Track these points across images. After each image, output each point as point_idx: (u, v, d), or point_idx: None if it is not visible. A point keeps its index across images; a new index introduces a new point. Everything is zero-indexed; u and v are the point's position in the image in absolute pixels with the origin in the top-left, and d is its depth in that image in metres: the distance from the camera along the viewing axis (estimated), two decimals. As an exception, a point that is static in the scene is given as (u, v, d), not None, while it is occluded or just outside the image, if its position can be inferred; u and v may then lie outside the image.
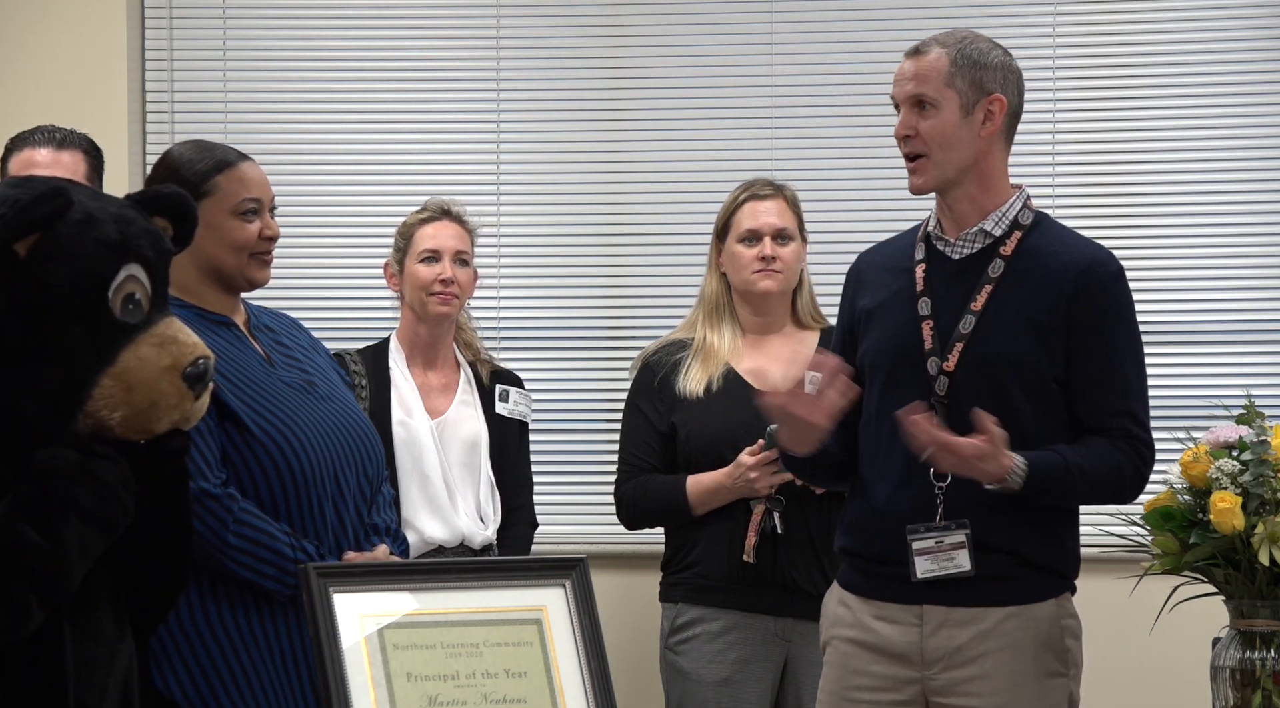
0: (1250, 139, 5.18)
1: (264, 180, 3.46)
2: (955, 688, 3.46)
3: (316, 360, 3.54)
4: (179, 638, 3.26)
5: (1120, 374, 3.50)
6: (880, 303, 3.58)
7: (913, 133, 3.50)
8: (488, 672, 2.93)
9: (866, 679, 3.52)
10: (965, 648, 3.46)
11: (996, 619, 3.46)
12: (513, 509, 4.62)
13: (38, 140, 4.13)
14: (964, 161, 3.51)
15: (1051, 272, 3.48)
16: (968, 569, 3.43)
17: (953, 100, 3.49)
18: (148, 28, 5.43)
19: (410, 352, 4.62)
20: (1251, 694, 3.45)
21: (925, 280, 3.54)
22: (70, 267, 2.64)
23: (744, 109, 5.31)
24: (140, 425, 2.71)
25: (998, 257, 3.51)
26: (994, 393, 3.45)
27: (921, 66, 3.51)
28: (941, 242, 3.56)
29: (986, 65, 3.51)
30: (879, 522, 3.51)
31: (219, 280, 3.41)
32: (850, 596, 3.58)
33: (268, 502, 3.30)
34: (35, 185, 2.70)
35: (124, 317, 2.68)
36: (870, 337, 3.58)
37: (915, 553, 3.44)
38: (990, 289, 3.49)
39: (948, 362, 3.47)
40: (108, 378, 2.67)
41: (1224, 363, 5.17)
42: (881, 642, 3.50)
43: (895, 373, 3.52)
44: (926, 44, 3.54)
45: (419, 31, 5.41)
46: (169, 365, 2.70)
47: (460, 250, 4.59)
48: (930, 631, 3.47)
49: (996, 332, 3.46)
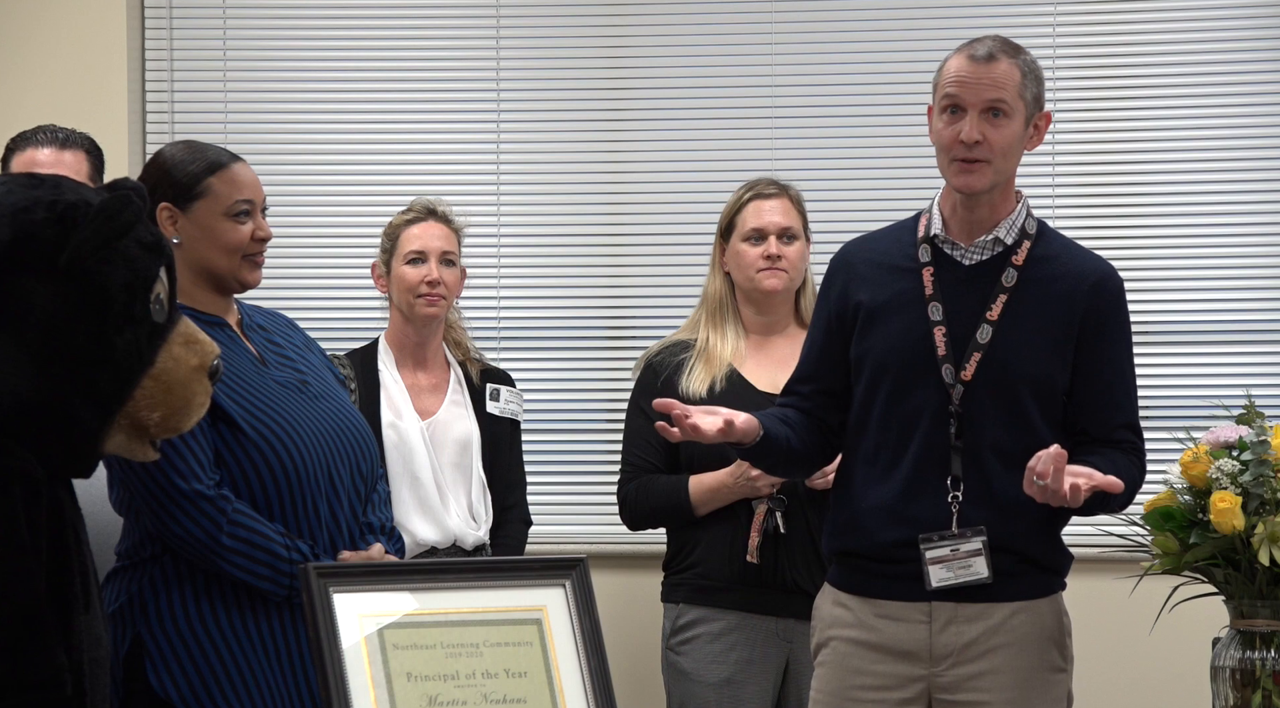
0: (1250, 139, 5.18)
1: (256, 182, 3.45)
2: (964, 684, 3.47)
3: (310, 359, 3.53)
4: (175, 639, 3.26)
5: (1124, 386, 3.56)
6: (883, 302, 3.57)
7: (982, 139, 3.47)
8: (488, 672, 2.93)
9: (870, 679, 3.52)
10: (975, 643, 3.48)
11: (1005, 615, 3.49)
12: (506, 508, 4.62)
13: (40, 140, 4.13)
14: (1012, 172, 3.54)
15: (1064, 284, 3.51)
16: (985, 576, 3.46)
17: (1021, 112, 3.50)
18: (148, 28, 5.43)
19: (399, 353, 4.62)
20: (1251, 694, 3.45)
21: (935, 285, 3.54)
22: (125, 271, 2.67)
23: (744, 109, 5.31)
24: (174, 425, 2.75)
25: (1010, 266, 3.52)
26: (1009, 405, 3.48)
27: (997, 75, 3.48)
28: (949, 245, 3.56)
29: (1042, 81, 3.55)
30: (882, 522, 3.51)
31: (211, 281, 3.41)
32: (848, 596, 3.58)
33: (262, 502, 3.30)
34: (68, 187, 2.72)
35: (155, 317, 2.71)
36: (873, 336, 3.57)
37: (929, 562, 3.46)
38: (1005, 299, 3.50)
39: (965, 371, 3.48)
40: (149, 379, 2.71)
41: (1224, 363, 5.17)
42: (887, 640, 3.51)
43: (905, 378, 3.52)
44: (992, 50, 3.49)
45: (419, 31, 5.41)
46: (197, 365, 2.74)
47: (446, 251, 4.58)
48: (940, 627, 3.48)
49: (1014, 344, 3.49)
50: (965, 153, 3.48)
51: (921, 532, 3.46)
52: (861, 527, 3.56)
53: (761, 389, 4.41)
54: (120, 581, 3.31)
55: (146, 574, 3.30)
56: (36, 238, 2.63)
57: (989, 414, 3.46)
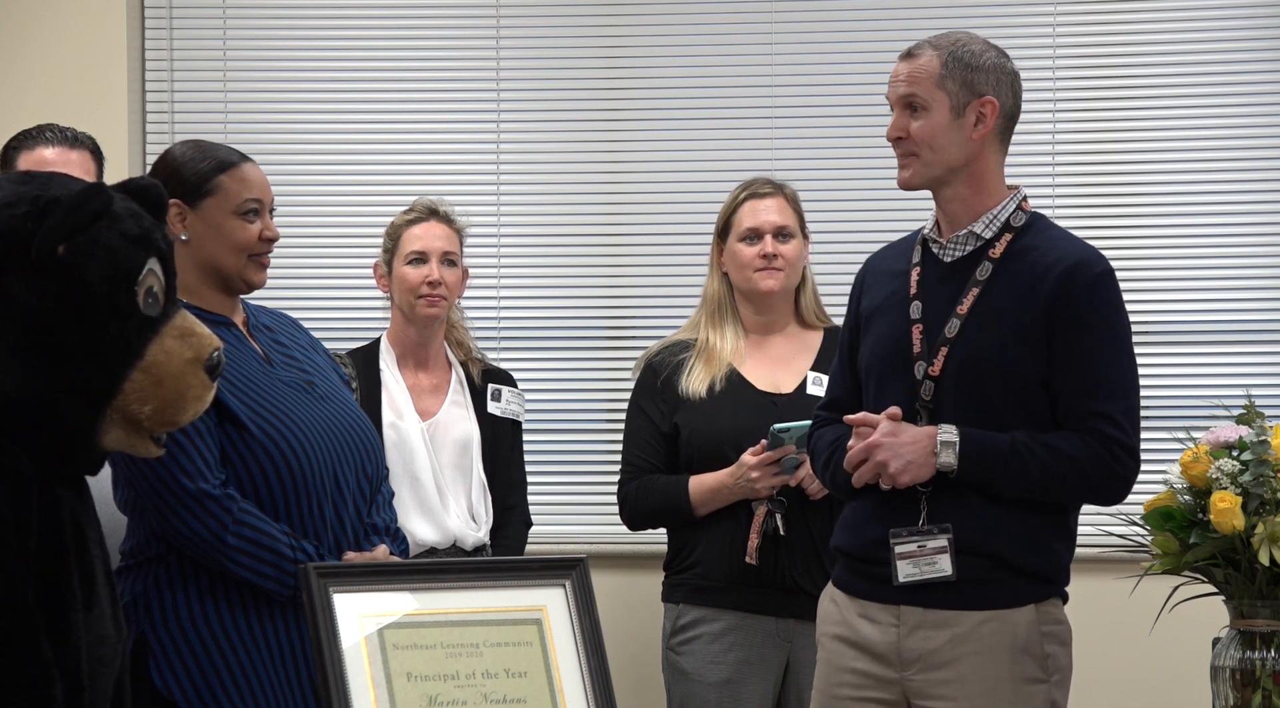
0: (1250, 139, 5.18)
1: (265, 182, 3.46)
2: (930, 690, 3.45)
3: (316, 360, 3.54)
4: (179, 639, 3.26)
5: (1099, 374, 3.45)
6: (877, 306, 3.59)
7: (904, 134, 3.51)
8: (488, 672, 2.93)
9: (851, 677, 3.52)
10: (941, 650, 3.45)
11: (973, 624, 3.45)
12: (507, 509, 4.62)
13: (49, 138, 4.12)
14: (954, 162, 3.50)
15: (1035, 273, 3.47)
16: (949, 574, 3.43)
17: (943, 102, 3.49)
18: (148, 28, 5.43)
19: (401, 353, 4.62)
20: (1251, 694, 3.45)
21: (919, 284, 3.54)
22: (105, 263, 2.67)
23: (744, 109, 5.31)
24: (168, 418, 2.74)
25: (986, 259, 3.51)
26: (977, 397, 3.45)
27: (913, 68, 3.52)
28: (936, 244, 3.56)
29: (978, 67, 3.50)
30: (864, 522, 3.52)
31: (218, 281, 3.42)
32: (839, 594, 3.58)
33: (267, 502, 3.30)
34: (57, 183, 2.71)
35: (146, 310, 2.70)
36: (868, 340, 3.59)
37: (897, 557, 3.44)
38: (977, 292, 3.49)
39: (933, 366, 3.48)
40: (138, 372, 2.70)
41: (1224, 363, 5.17)
42: (863, 640, 3.51)
43: (885, 377, 3.53)
44: (920, 46, 3.55)
45: (419, 31, 5.41)
46: (192, 358, 2.74)
47: (448, 251, 4.58)
48: (907, 632, 3.47)
49: (979, 335, 3.46)
50: (896, 149, 3.54)
51: (893, 528, 3.46)
52: (848, 525, 3.57)
53: (761, 389, 4.41)
54: (124, 580, 3.31)
55: (151, 573, 3.30)
56: (17, 232, 2.63)
57: (957, 408, 3.43)
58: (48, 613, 2.64)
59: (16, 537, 2.62)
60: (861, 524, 3.53)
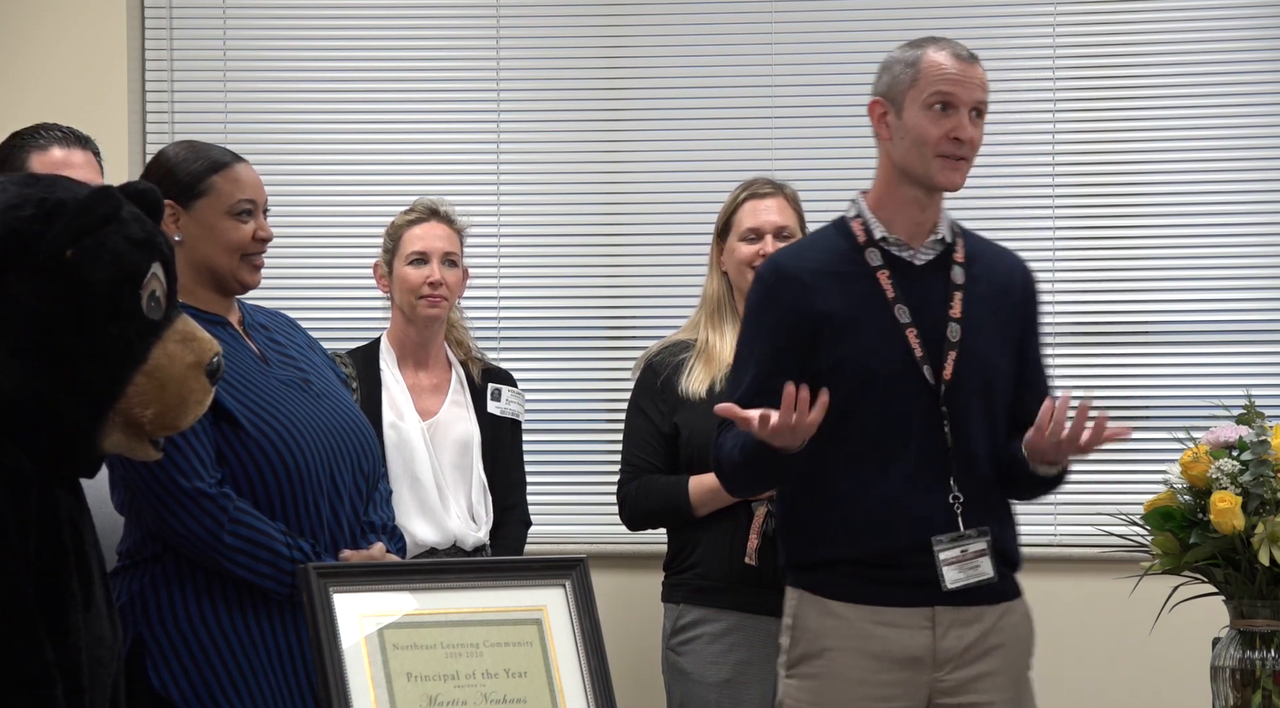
0: (1250, 139, 5.18)
1: (258, 182, 3.46)
2: (965, 687, 3.48)
3: (312, 358, 3.54)
4: (176, 639, 3.26)
5: (1045, 375, 3.69)
6: (847, 309, 3.51)
7: (968, 138, 3.52)
8: (488, 672, 2.93)
9: (872, 689, 3.49)
10: (974, 646, 3.49)
11: (995, 616, 3.51)
12: (507, 508, 4.61)
13: (58, 138, 4.10)
14: None
15: (1001, 279, 3.60)
16: (991, 576, 3.48)
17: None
18: (148, 28, 5.43)
19: (401, 353, 4.62)
20: (1251, 694, 3.45)
21: (894, 287, 3.53)
22: (110, 266, 2.67)
23: (744, 109, 5.31)
24: (170, 422, 2.75)
25: (955, 263, 3.56)
26: (985, 399, 3.52)
27: (981, 76, 3.55)
28: (898, 247, 3.56)
29: None
30: (882, 527, 3.48)
31: (212, 281, 3.41)
32: (842, 605, 3.52)
33: (263, 500, 3.30)
34: (62, 186, 2.72)
35: (149, 314, 2.71)
36: (844, 344, 3.50)
37: (944, 564, 3.46)
38: (961, 296, 3.54)
39: (944, 370, 3.49)
40: (141, 376, 2.71)
41: (1224, 363, 5.17)
42: (891, 648, 3.48)
43: (890, 383, 3.50)
44: (970, 51, 3.56)
45: (419, 31, 5.41)
46: (194, 362, 2.74)
47: (448, 252, 4.58)
48: (943, 632, 3.48)
49: (980, 339, 3.53)
50: (957, 150, 3.50)
51: (929, 534, 3.46)
52: (856, 533, 3.51)
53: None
54: (121, 580, 3.31)
55: (147, 573, 3.30)
56: (22, 234, 2.64)
57: (971, 412, 3.49)
58: (48, 613, 2.64)
59: (17, 537, 2.63)
60: (875, 531, 3.49)
